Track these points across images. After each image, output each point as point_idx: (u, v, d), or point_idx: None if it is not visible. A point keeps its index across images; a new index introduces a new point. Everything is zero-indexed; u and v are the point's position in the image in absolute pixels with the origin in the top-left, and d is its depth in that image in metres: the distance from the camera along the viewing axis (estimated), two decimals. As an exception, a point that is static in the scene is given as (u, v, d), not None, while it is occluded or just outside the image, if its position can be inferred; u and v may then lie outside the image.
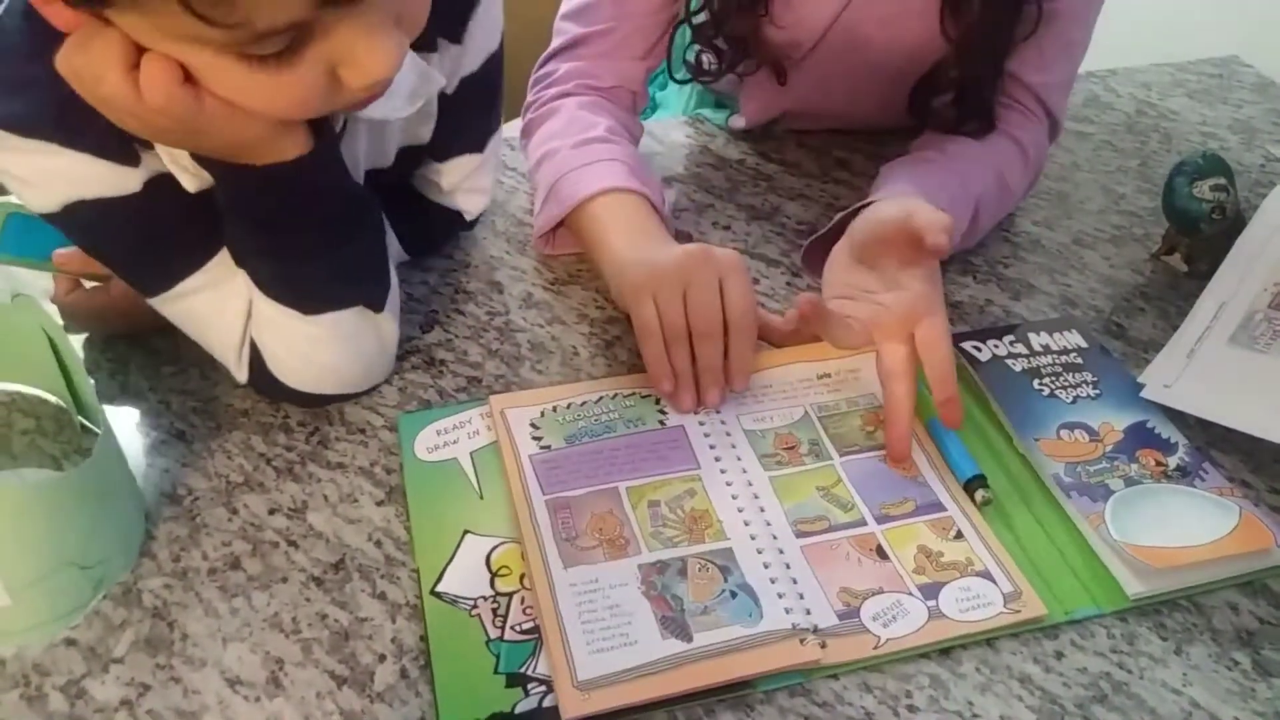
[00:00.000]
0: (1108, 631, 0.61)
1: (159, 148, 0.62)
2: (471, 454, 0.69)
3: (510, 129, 1.14)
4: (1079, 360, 0.76)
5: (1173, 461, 0.69)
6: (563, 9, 0.93)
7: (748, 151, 1.00)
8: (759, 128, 1.02)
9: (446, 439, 0.70)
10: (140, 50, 0.51)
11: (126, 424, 0.71)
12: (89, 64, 0.52)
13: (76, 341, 0.67)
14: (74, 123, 0.59)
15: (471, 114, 0.77)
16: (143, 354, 0.75)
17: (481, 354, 0.77)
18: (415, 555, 0.63)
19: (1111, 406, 0.73)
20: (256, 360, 0.68)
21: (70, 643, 0.58)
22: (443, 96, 0.73)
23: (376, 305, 0.69)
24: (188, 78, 0.52)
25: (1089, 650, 0.60)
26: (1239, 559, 0.63)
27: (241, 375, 0.69)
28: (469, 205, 0.83)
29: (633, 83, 0.92)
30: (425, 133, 0.76)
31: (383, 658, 0.58)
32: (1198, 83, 1.17)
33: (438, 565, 0.62)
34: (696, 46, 0.92)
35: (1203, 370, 0.73)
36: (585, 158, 0.82)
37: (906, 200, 0.73)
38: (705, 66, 0.94)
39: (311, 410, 0.72)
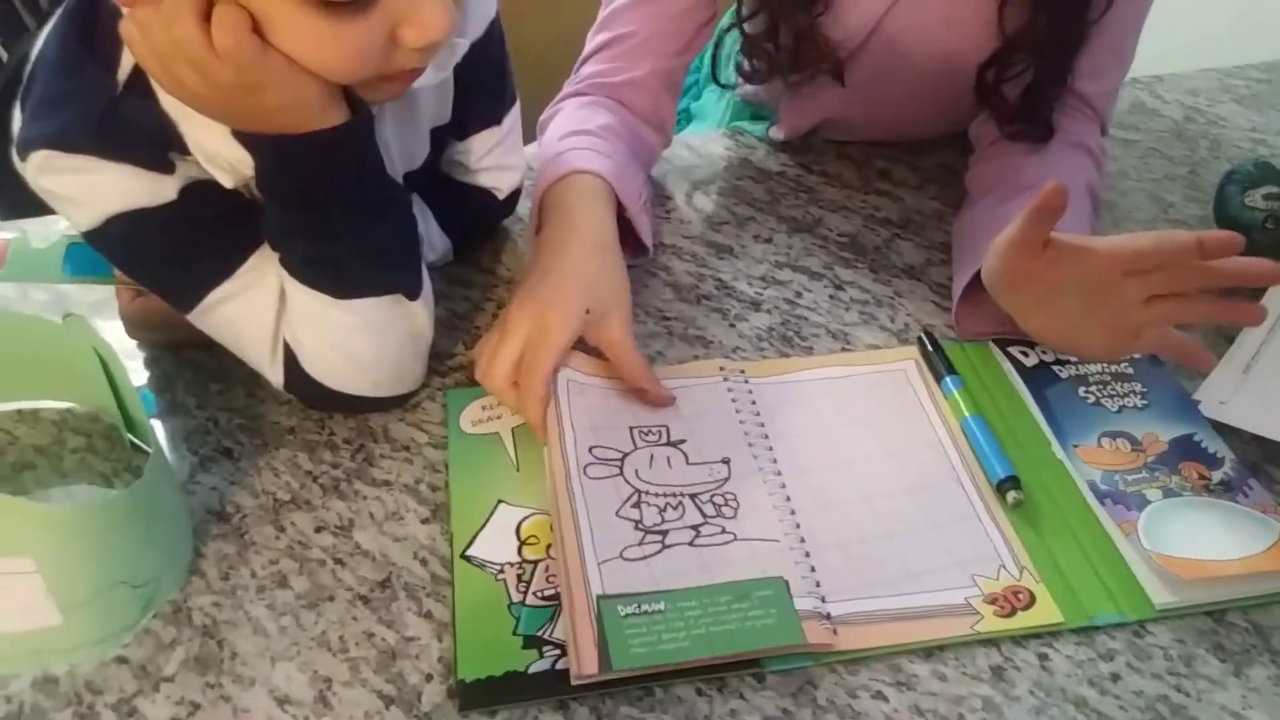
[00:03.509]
0: (1165, 653, 0.60)
1: (194, 150, 0.63)
2: (513, 429, 0.71)
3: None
4: (1129, 370, 0.75)
5: (1216, 476, 0.68)
6: (598, 18, 0.93)
7: (788, 163, 1.00)
8: (798, 139, 1.02)
9: (491, 414, 0.72)
10: (212, 5, 0.54)
11: (174, 442, 0.71)
12: (160, 14, 0.54)
13: (125, 360, 0.68)
14: (112, 135, 0.61)
15: (484, 84, 0.79)
16: (190, 372, 0.76)
17: (524, 370, 0.77)
18: (451, 520, 0.66)
19: (1159, 417, 0.72)
20: (291, 362, 0.69)
21: (121, 661, 0.59)
22: (455, 68, 0.74)
23: (411, 292, 0.69)
24: (255, 31, 0.55)
25: (1146, 673, 0.59)
26: (1274, 576, 0.62)
27: (276, 378, 0.70)
28: (499, 183, 0.85)
29: (655, 78, 0.89)
30: (446, 111, 0.78)
31: (429, 677, 0.58)
32: (1246, 88, 1.15)
33: (470, 530, 0.65)
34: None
35: (1260, 386, 0.71)
36: (561, 148, 0.82)
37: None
38: (754, 69, 0.93)
39: (357, 427, 0.72)
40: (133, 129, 0.62)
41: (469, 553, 0.64)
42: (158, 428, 0.72)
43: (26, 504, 0.58)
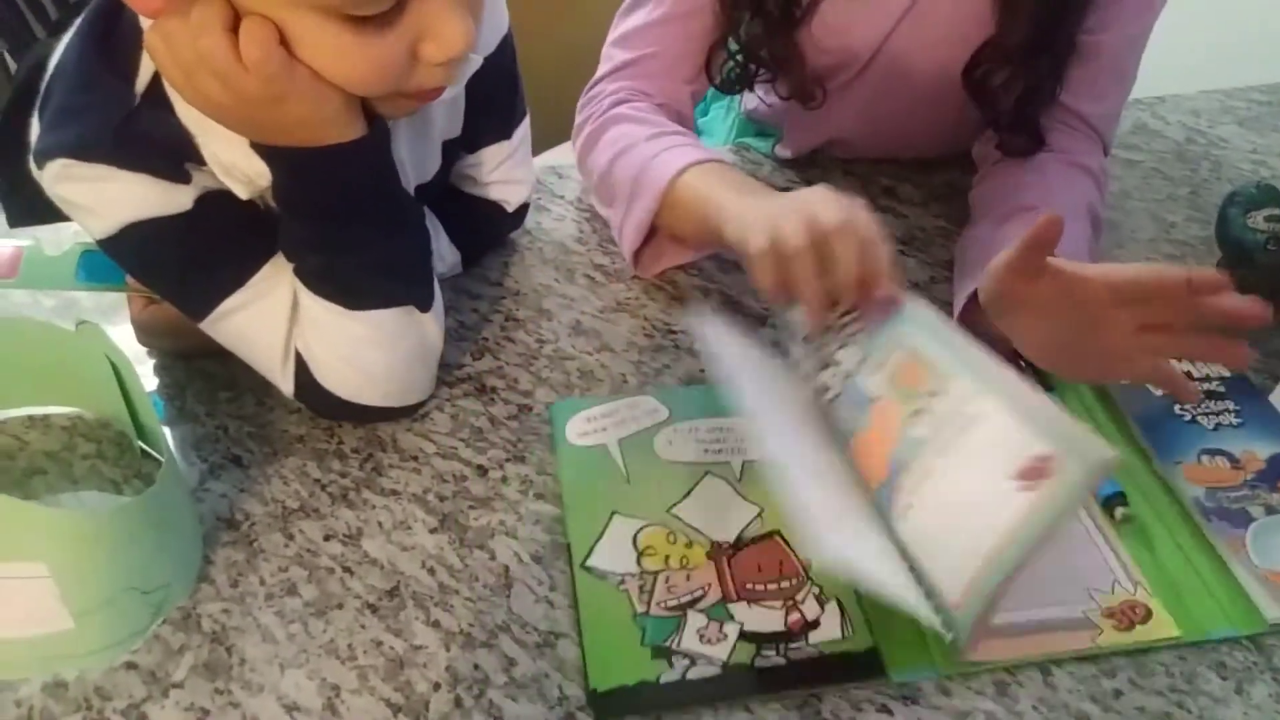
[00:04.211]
0: (1166, 670, 0.60)
1: (210, 161, 0.64)
2: (619, 441, 0.72)
3: (556, 156, 1.16)
4: (1221, 389, 0.76)
5: None
6: (610, 35, 0.94)
7: (794, 179, 1.01)
8: (804, 156, 1.03)
9: (596, 425, 0.73)
10: (238, 17, 0.55)
11: (184, 449, 0.72)
12: (187, 25, 0.55)
13: (135, 367, 0.69)
14: (129, 145, 0.62)
15: (495, 99, 0.80)
16: (200, 380, 0.76)
17: (532, 381, 0.77)
18: (567, 531, 0.67)
19: (1254, 436, 0.73)
20: (302, 371, 0.69)
21: (131, 667, 0.59)
22: (467, 82, 0.74)
23: (423, 304, 0.70)
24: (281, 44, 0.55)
25: (1148, 689, 0.59)
26: None
27: (287, 386, 0.70)
28: (508, 196, 0.86)
29: (680, 104, 0.92)
30: (458, 125, 0.79)
31: (437, 686, 0.59)
32: (1247, 110, 1.16)
33: (587, 541, 0.66)
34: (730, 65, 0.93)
35: None
36: (664, 145, 0.83)
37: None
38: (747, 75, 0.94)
39: (365, 437, 0.72)
40: (150, 139, 0.62)
41: (589, 563, 0.64)
42: (167, 435, 0.72)
43: (42, 509, 0.59)
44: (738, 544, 0.66)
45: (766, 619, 0.62)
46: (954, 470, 0.58)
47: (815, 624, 0.61)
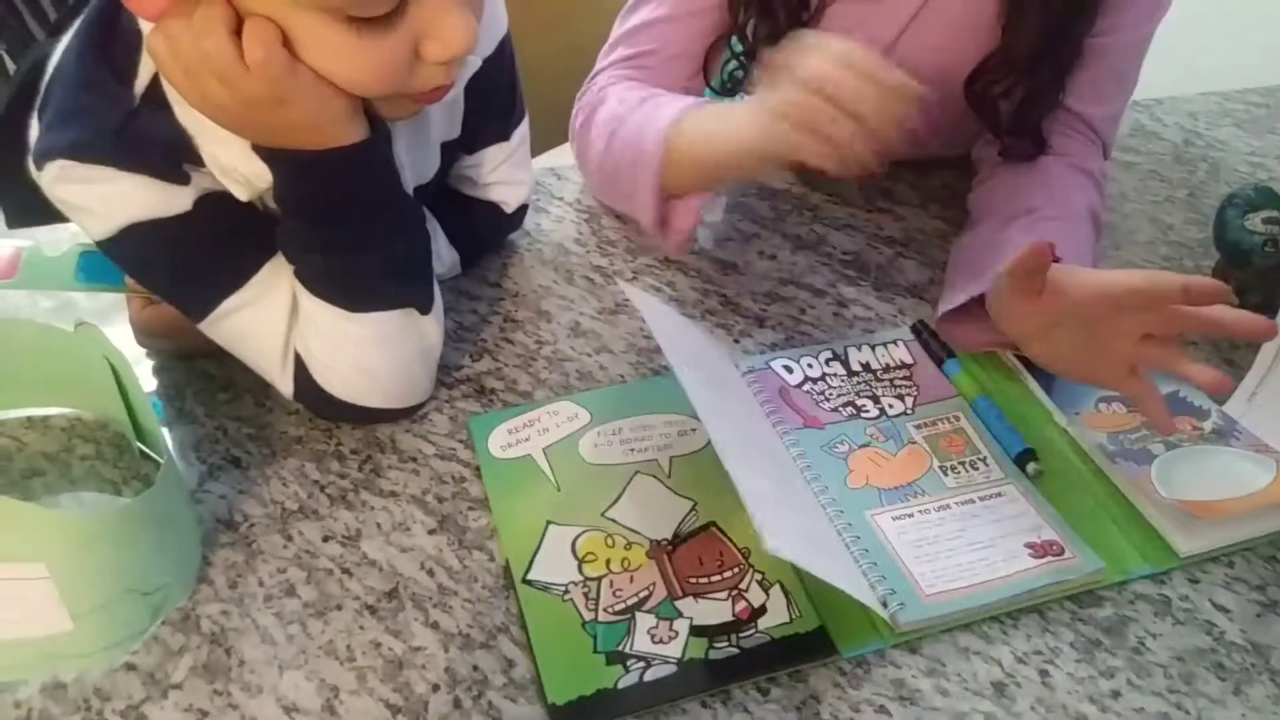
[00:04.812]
0: (1165, 671, 0.60)
1: (209, 163, 0.64)
2: (544, 450, 0.71)
3: (555, 157, 1.15)
4: None
5: (1207, 425, 0.72)
6: (612, 34, 0.94)
7: (792, 181, 1.01)
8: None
9: (519, 436, 0.72)
10: (241, 20, 0.55)
11: (183, 450, 0.72)
12: (190, 27, 0.55)
13: (134, 368, 0.69)
14: (128, 147, 0.62)
15: (494, 100, 0.80)
16: (199, 380, 0.76)
17: (531, 382, 0.78)
18: (501, 547, 0.66)
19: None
20: (302, 372, 0.69)
21: (130, 668, 0.59)
22: (466, 84, 0.74)
23: (423, 306, 0.70)
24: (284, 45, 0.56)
25: (1146, 690, 0.59)
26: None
27: (286, 387, 0.70)
28: (507, 197, 0.86)
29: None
30: (456, 126, 0.79)
31: (436, 687, 0.59)
32: (1245, 112, 1.16)
33: (525, 555, 0.65)
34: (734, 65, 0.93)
35: (1267, 410, 0.73)
36: (652, 106, 0.83)
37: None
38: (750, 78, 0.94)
39: (364, 438, 0.72)
40: (149, 141, 0.62)
41: (529, 577, 0.63)
42: (166, 436, 0.72)
43: (41, 510, 0.59)
44: (676, 539, 0.66)
45: (714, 611, 0.62)
46: (972, 518, 0.67)
47: (763, 610, 0.62)
